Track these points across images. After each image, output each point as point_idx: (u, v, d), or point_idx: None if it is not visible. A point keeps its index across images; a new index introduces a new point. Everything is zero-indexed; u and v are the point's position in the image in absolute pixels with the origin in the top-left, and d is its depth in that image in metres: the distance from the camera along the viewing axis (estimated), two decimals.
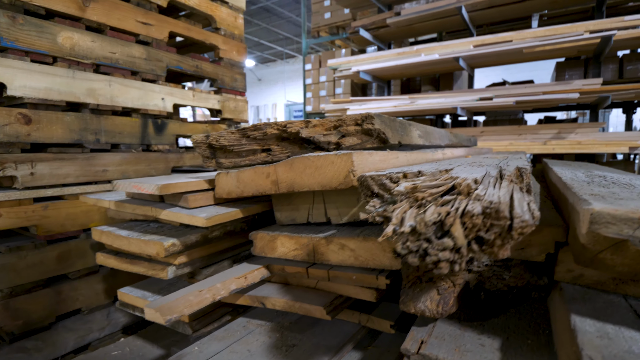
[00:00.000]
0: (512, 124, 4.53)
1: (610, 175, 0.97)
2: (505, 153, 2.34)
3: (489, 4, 3.76)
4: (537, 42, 3.46)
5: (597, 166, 1.68)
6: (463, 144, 2.04)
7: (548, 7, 3.94)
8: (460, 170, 0.52)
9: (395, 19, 4.22)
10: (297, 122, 0.74)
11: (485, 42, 3.84)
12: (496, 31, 4.65)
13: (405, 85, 5.64)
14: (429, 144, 1.28)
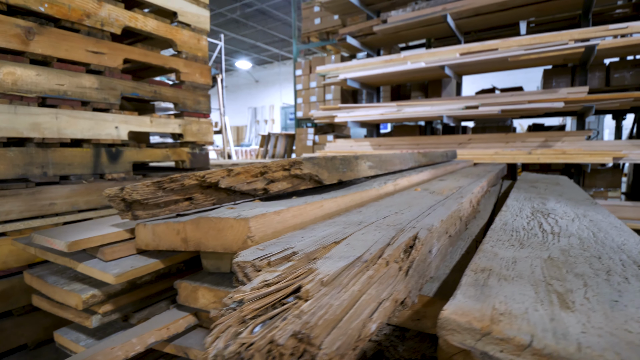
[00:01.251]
0: (501, 131, 4.52)
1: (559, 211, 0.96)
2: (483, 166, 2.32)
3: (474, 12, 3.74)
4: (521, 51, 3.45)
5: (568, 186, 1.66)
6: (435, 160, 2.02)
7: (533, 15, 3.92)
8: (353, 239, 0.51)
9: (382, 27, 4.21)
10: (218, 172, 0.72)
11: (471, 50, 3.83)
12: (484, 38, 4.63)
13: (396, 91, 5.63)
14: (384, 172, 1.26)
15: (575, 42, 3.30)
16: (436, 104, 4.02)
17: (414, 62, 4.03)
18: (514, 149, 3.77)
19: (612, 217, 0.93)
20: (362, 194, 0.89)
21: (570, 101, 3.34)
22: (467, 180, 1.41)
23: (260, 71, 22.34)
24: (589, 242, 0.67)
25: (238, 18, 14.09)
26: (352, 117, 4.47)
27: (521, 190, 1.43)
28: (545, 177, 2.09)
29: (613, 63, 3.75)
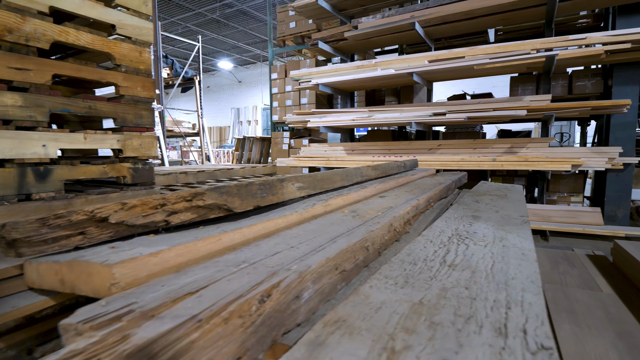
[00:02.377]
0: (470, 137, 4.60)
1: (480, 234, 0.96)
2: (442, 176, 2.35)
3: (441, 20, 3.79)
4: (487, 60, 3.51)
5: (513, 199, 1.69)
6: (389, 172, 2.03)
7: (499, 24, 4.00)
8: (211, 289, 0.49)
9: (353, 33, 4.22)
10: (110, 205, 0.70)
11: (440, 58, 3.88)
12: (454, 45, 4.70)
13: (370, 96, 5.66)
14: (320, 190, 1.25)
15: (537, 52, 3.37)
16: (405, 111, 4.05)
17: (384, 69, 4.06)
18: (480, 155, 3.84)
19: (528, 242, 0.95)
20: (278, 221, 0.88)
21: (533, 109, 3.42)
22: (409, 196, 1.42)
23: (243, 71, 22.18)
24: (479, 276, 0.67)
25: (219, 18, 13.94)
26: (324, 122, 4.47)
27: (461, 206, 1.44)
28: (498, 188, 2.13)
29: (575, 72, 3.86)
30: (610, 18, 3.62)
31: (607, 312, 1.32)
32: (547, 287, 1.54)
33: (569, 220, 3.44)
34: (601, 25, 3.98)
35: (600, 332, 1.19)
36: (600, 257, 2.10)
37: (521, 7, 3.47)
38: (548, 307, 1.37)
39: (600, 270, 1.90)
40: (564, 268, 1.92)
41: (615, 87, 3.54)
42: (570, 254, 2.18)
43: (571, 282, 1.73)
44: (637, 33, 3.10)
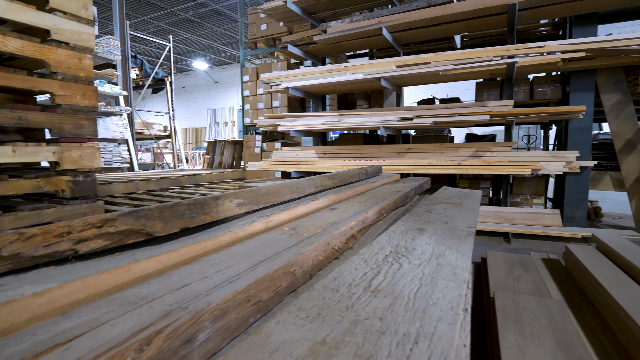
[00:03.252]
0: (438, 140, 4.67)
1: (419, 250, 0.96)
2: (403, 183, 2.36)
3: (408, 26, 3.83)
4: (451, 66, 3.57)
5: (467, 207, 1.71)
6: (349, 180, 2.02)
7: (464, 31, 4.09)
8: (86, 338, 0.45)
9: (322, 37, 4.21)
10: (5, 236, 0.64)
11: (407, 63, 3.92)
12: (422, 50, 4.77)
13: (342, 99, 5.67)
14: (265, 205, 1.22)
15: (500, 59, 3.46)
16: (374, 115, 4.07)
17: (353, 73, 4.07)
18: (447, 159, 3.90)
19: (464, 259, 0.94)
20: (207, 243, 0.84)
21: (496, 114, 3.51)
22: (360, 208, 1.41)
23: (219, 72, 21.84)
24: (399, 304, 0.66)
25: (192, 18, 13.66)
26: (295, 126, 4.43)
27: (412, 217, 1.44)
28: (456, 195, 2.15)
29: (536, 78, 3.99)
30: (568, 27, 3.76)
31: (551, 319, 1.35)
32: (498, 295, 1.56)
33: (530, 222, 3.55)
34: (560, 33, 4.13)
35: (542, 341, 1.21)
36: (553, 261, 2.16)
37: (483, 15, 3.56)
38: (496, 317, 1.39)
39: (552, 275, 1.95)
40: (518, 273, 1.96)
41: (572, 93, 3.67)
42: (526, 258, 2.24)
43: (523, 288, 1.76)
44: (591, 42, 3.23)
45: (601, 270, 1.63)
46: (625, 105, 3.56)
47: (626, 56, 3.26)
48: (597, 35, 3.65)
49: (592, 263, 1.74)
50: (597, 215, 4.40)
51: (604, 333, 1.34)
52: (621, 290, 1.42)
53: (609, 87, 3.58)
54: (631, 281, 1.50)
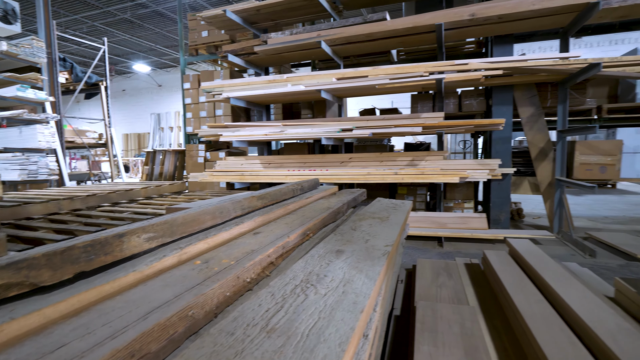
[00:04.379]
0: (378, 150, 4.86)
1: (330, 277, 1.00)
2: (338, 196, 2.43)
3: (345, 40, 3.95)
4: (387, 80, 3.74)
5: (392, 222, 1.80)
6: (282, 198, 2.04)
7: (399, 47, 4.31)
8: None
9: (263, 48, 4.20)
10: None
11: (346, 76, 4.04)
12: (362, 62, 4.95)
13: (287, 108, 5.70)
14: (180, 236, 1.20)
15: (429, 74, 3.69)
16: (316, 126, 4.14)
17: (295, 85, 4.11)
18: (386, 168, 4.07)
19: (370, 284, 1.00)
20: (105, 288, 0.80)
21: (428, 126, 3.73)
22: (285, 230, 1.43)
23: (163, 75, 20.89)
24: (290, 344, 0.68)
25: (131, 19, 12.93)
26: (238, 136, 4.37)
27: (336, 236, 1.49)
28: (386, 207, 2.24)
29: (464, 91, 4.30)
30: (490, 45, 4.11)
31: (463, 327, 1.47)
32: (420, 305, 1.66)
33: (461, 226, 3.81)
34: (483, 51, 4.51)
35: (452, 350, 1.32)
36: (474, 266, 2.35)
37: (414, 33, 3.78)
38: (415, 328, 1.48)
39: (472, 280, 2.12)
40: (442, 280, 2.10)
41: (494, 106, 4.02)
42: (451, 264, 2.40)
43: (445, 295, 1.89)
44: (507, 62, 3.57)
45: (508, 276, 1.80)
46: (538, 117, 3.97)
47: (536, 74, 3.64)
48: (513, 53, 4.03)
49: (502, 268, 1.92)
50: (520, 216, 4.84)
51: (507, 335, 1.48)
52: (521, 294, 1.58)
53: (525, 101, 3.97)
54: (532, 286, 1.68)
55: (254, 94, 4.21)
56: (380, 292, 1.15)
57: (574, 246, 3.46)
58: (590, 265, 2.96)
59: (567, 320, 1.35)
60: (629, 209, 5.61)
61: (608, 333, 1.17)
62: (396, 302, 2.17)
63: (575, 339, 1.21)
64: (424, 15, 3.62)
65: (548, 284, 1.59)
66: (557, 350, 1.14)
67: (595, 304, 1.38)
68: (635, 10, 3.23)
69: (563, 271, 1.74)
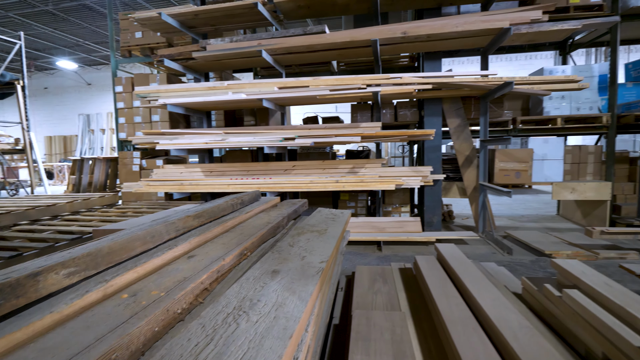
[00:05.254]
0: (321, 157, 4.97)
1: (263, 301, 1.03)
2: (278, 209, 2.46)
3: (286, 50, 4.00)
4: (327, 91, 3.84)
5: (329, 236, 1.88)
6: (220, 214, 2.02)
7: (338, 58, 4.46)
8: None
9: (201, 54, 4.10)
10: None
11: (288, 85, 4.08)
12: (304, 71, 5.03)
13: (230, 114, 5.59)
14: (106, 266, 1.15)
15: (367, 86, 3.86)
16: (258, 134, 4.13)
17: (236, 93, 4.06)
18: (328, 176, 4.18)
19: (301, 306, 1.04)
20: (15, 335, 0.76)
21: (366, 136, 3.90)
22: (220, 252, 1.43)
23: (93, 73, 19.30)
24: None
25: (54, 11, 11.78)
26: (176, 144, 4.21)
27: (273, 255, 1.52)
28: (325, 219, 2.31)
29: (399, 103, 4.57)
30: (421, 60, 4.42)
31: (393, 333, 1.58)
32: (355, 315, 1.76)
33: (398, 230, 4.04)
34: (416, 65, 4.83)
35: (382, 357, 1.41)
36: (407, 271, 2.51)
37: (352, 47, 3.93)
38: (350, 337, 1.56)
39: (405, 285, 2.27)
40: (378, 286, 2.23)
41: (426, 117, 4.33)
42: (387, 269, 2.55)
43: (379, 302, 2.01)
44: (436, 77, 3.86)
45: (434, 280, 1.97)
46: (464, 127, 4.34)
47: (461, 89, 3.99)
48: (442, 67, 4.37)
49: (429, 273, 2.09)
50: (451, 217, 5.24)
51: (433, 338, 1.62)
52: (444, 298, 1.73)
53: (452, 112, 4.32)
54: (455, 290, 1.85)
55: (193, 101, 4.09)
56: (313, 311, 1.20)
57: (495, 245, 3.84)
58: (507, 262, 3.31)
59: (481, 321, 1.52)
60: (541, 207, 6.35)
61: (510, 331, 1.34)
62: (337, 310, 2.25)
63: (486, 338, 1.36)
64: (360, 30, 3.79)
65: (467, 288, 1.77)
66: (470, 350, 1.29)
67: (503, 304, 1.57)
68: (539, 35, 3.68)
69: (480, 274, 1.94)
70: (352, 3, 3.93)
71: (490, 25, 3.45)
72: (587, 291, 1.50)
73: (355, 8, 4.06)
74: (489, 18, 3.53)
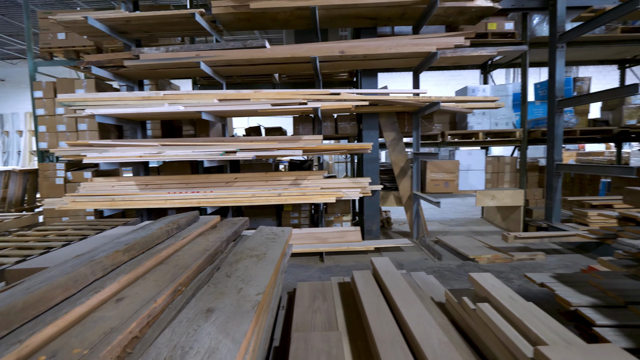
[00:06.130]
0: (264, 168, 4.96)
1: (191, 351, 1.04)
2: (217, 232, 2.44)
3: (226, 62, 3.95)
4: (268, 106, 3.86)
5: (267, 262, 1.90)
6: (154, 243, 1.96)
7: (279, 72, 4.50)
8: None
9: (134, 63, 3.89)
10: None
11: (228, 98, 4.03)
12: (247, 82, 4.99)
13: (167, 123, 5.35)
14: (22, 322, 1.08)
15: (308, 101, 3.94)
16: (198, 147, 4.02)
17: (172, 104, 3.92)
18: (271, 188, 4.20)
19: (233, 350, 1.07)
20: None
21: (307, 149, 3.98)
22: (154, 290, 1.40)
23: (7, 67, 17.23)
24: None
25: None
26: (106, 158, 3.94)
27: (210, 288, 1.52)
28: (265, 241, 2.34)
29: (339, 116, 4.73)
30: (359, 76, 4.61)
31: (329, 355, 1.65)
32: (294, 338, 1.81)
33: (339, 240, 4.18)
34: (354, 80, 5.03)
35: None
36: (346, 285, 2.63)
37: (292, 62, 4.00)
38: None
39: (343, 301, 2.37)
40: (317, 304, 2.30)
41: (364, 130, 4.53)
42: (327, 285, 2.64)
43: (318, 321, 2.08)
44: (372, 94, 4.07)
45: (368, 297, 2.09)
46: (399, 141, 4.62)
47: (395, 106, 4.24)
48: (378, 83, 4.60)
49: (364, 290, 2.21)
50: (389, 224, 5.54)
51: (366, 356, 1.73)
52: (376, 316, 1.86)
53: (388, 126, 4.58)
54: (386, 306, 1.99)
55: (125, 112, 3.86)
56: (248, 349, 1.23)
57: (427, 251, 4.14)
58: (437, 268, 3.59)
59: (407, 338, 1.66)
60: (468, 211, 6.94)
61: (431, 348, 1.48)
62: (278, 330, 2.28)
63: (411, 357, 1.49)
64: (300, 47, 3.87)
65: (396, 304, 1.91)
66: None
67: (427, 320, 1.72)
68: (462, 59, 4.05)
69: (409, 289, 2.10)
70: (292, 19, 3.99)
71: (420, 49, 3.72)
72: (495, 304, 1.71)
73: (295, 24, 4.13)
74: (418, 42, 3.80)
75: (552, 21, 4.13)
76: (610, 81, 7.81)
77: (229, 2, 3.76)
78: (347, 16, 3.95)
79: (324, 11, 3.79)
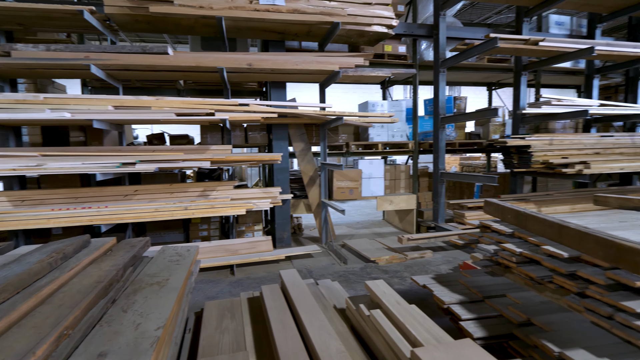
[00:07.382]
0: (169, 179, 4.69)
1: None
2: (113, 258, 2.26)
3: (123, 67, 3.65)
4: (173, 116, 3.68)
5: (169, 289, 1.85)
6: (31, 281, 1.75)
7: (183, 79, 4.32)
8: None
9: (5, 61, 3.34)
10: None
11: (126, 104, 3.72)
12: (147, 87, 4.65)
13: (50, 129, 4.68)
14: None
15: (215, 112, 3.86)
16: (90, 157, 3.64)
17: (55, 111, 3.47)
18: (177, 200, 4.00)
19: None
20: None
21: (216, 160, 3.91)
22: (32, 341, 1.27)
23: None
24: None
25: None
26: None
27: (103, 327, 1.44)
28: (168, 265, 2.26)
29: (249, 125, 4.73)
30: (268, 87, 4.68)
31: None
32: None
33: (250, 251, 4.20)
34: (263, 90, 5.08)
35: None
36: (255, 300, 2.68)
37: (198, 71, 3.88)
38: None
39: (252, 317, 2.41)
40: (226, 323, 2.30)
41: (274, 140, 4.62)
42: (236, 301, 2.65)
43: (226, 342, 2.09)
44: (281, 107, 4.17)
45: (275, 312, 2.18)
46: (307, 151, 4.82)
47: (302, 118, 4.42)
48: (287, 94, 4.73)
49: (272, 305, 2.29)
50: (300, 230, 5.73)
51: None
52: (282, 331, 1.95)
53: (297, 137, 4.74)
54: (292, 321, 2.09)
55: None
56: None
57: (334, 255, 4.41)
58: (343, 272, 3.86)
59: (310, 351, 1.79)
60: (371, 213, 7.55)
61: (329, 359, 1.63)
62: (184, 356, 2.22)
63: None
64: (207, 56, 3.77)
65: (300, 318, 2.03)
66: None
67: (327, 331, 1.88)
68: (362, 78, 4.42)
69: (313, 301, 2.25)
70: (198, 26, 3.87)
71: (324, 67, 3.95)
72: (385, 310, 1.95)
73: (202, 31, 4.01)
74: (323, 60, 4.03)
75: (435, 48, 4.76)
76: (482, 100, 9.29)
77: (125, 3, 3.48)
78: (255, 29, 3.99)
79: (231, 22, 3.76)
